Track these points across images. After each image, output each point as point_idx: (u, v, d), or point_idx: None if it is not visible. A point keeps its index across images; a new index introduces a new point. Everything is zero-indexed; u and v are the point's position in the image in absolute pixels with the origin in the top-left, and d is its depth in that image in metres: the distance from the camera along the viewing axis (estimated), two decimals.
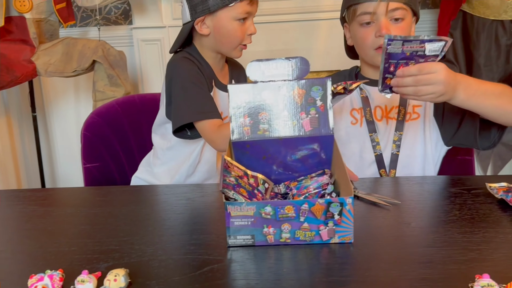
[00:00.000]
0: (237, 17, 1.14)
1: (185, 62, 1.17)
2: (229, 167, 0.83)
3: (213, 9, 1.13)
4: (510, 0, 1.71)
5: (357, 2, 1.09)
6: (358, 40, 1.13)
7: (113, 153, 1.50)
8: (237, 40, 1.17)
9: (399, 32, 1.07)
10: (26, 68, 1.90)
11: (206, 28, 1.17)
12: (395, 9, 1.07)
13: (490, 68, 1.81)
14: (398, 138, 1.14)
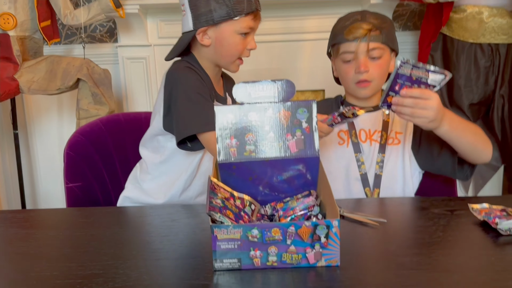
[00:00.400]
0: (239, 31, 1.14)
1: (188, 72, 1.15)
2: (215, 188, 0.83)
3: (217, 21, 1.12)
4: (488, 24, 1.76)
5: (340, 42, 1.19)
6: (341, 74, 1.24)
7: (97, 173, 1.48)
8: (237, 53, 1.16)
9: (377, 69, 1.18)
10: (8, 86, 1.87)
11: (207, 39, 1.15)
12: (373, 48, 1.16)
13: (470, 89, 1.85)
14: (381, 159, 1.20)
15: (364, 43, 1.15)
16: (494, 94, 1.85)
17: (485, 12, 1.75)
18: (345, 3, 2.24)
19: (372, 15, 1.20)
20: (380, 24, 1.18)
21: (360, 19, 1.18)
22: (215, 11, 1.11)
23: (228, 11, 1.10)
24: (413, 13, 2.37)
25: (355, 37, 1.15)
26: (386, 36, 1.18)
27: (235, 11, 1.10)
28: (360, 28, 1.15)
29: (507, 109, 1.85)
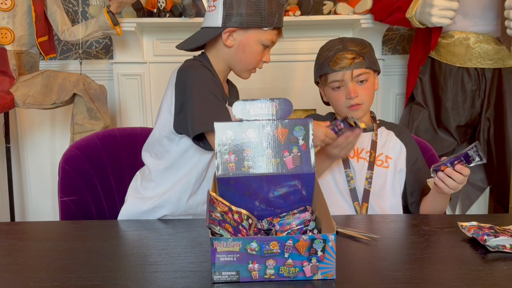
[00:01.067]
0: (263, 42, 1.16)
1: (203, 70, 1.14)
2: (214, 202, 0.85)
3: (247, 26, 1.13)
4: (475, 49, 1.83)
5: (327, 72, 1.25)
6: (333, 101, 1.30)
7: (91, 187, 1.48)
8: (255, 62, 1.18)
9: (365, 92, 1.25)
10: (3, 99, 1.88)
11: (232, 40, 1.15)
12: (359, 74, 1.24)
13: (457, 112, 1.90)
14: (370, 176, 1.25)
15: (350, 71, 1.23)
16: (480, 117, 1.90)
17: (472, 38, 1.82)
18: (337, 27, 2.31)
19: (351, 42, 1.26)
20: (361, 50, 1.25)
21: (342, 49, 1.24)
22: (248, 16, 1.12)
23: (260, 20, 1.12)
24: (402, 37, 2.45)
25: (341, 67, 1.22)
26: (369, 61, 1.25)
27: (266, 22, 1.13)
28: (344, 58, 1.22)
29: (493, 132, 1.90)
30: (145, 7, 2.14)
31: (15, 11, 1.90)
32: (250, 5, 1.11)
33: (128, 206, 1.24)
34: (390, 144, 1.30)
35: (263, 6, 1.12)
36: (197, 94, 1.09)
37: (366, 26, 2.18)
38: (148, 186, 1.22)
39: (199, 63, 1.16)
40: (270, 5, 1.12)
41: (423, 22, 1.78)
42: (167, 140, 1.17)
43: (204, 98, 1.09)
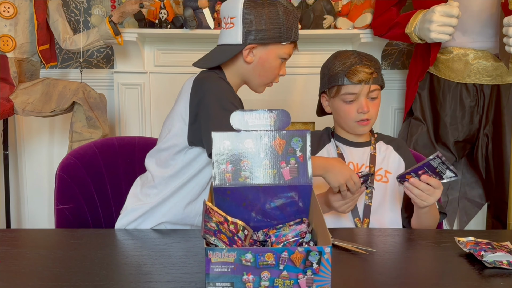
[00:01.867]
0: (282, 56, 1.17)
1: (222, 83, 1.14)
2: (210, 212, 0.84)
3: (267, 42, 1.14)
4: (473, 66, 1.84)
5: (342, 84, 1.24)
6: (341, 113, 1.28)
7: (88, 196, 1.47)
8: (273, 77, 1.20)
9: (375, 108, 1.27)
10: (3, 106, 1.88)
11: (252, 57, 1.16)
12: (373, 90, 1.24)
13: (455, 127, 1.91)
14: (370, 191, 1.23)
15: (367, 85, 1.22)
16: (479, 133, 1.90)
17: (471, 54, 1.83)
18: (337, 41, 2.33)
19: (365, 56, 1.27)
20: (375, 66, 1.26)
21: (358, 62, 1.24)
22: (268, 32, 1.13)
23: (279, 35, 1.14)
24: (401, 52, 2.47)
25: (360, 80, 1.22)
26: (381, 78, 1.27)
27: (285, 36, 1.14)
28: (363, 72, 1.22)
29: (491, 148, 1.90)
30: (147, 17, 2.16)
31: (17, 19, 1.91)
32: (269, 21, 1.13)
33: (128, 211, 1.22)
34: (389, 159, 1.30)
35: (281, 21, 1.13)
36: (216, 105, 1.09)
37: (366, 41, 2.20)
38: (150, 193, 1.21)
39: (216, 75, 1.16)
40: (288, 20, 1.14)
41: (422, 37, 1.80)
42: (177, 149, 1.17)
43: (224, 109, 1.08)
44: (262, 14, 1.12)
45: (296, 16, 1.17)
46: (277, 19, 1.13)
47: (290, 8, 1.16)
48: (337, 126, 1.34)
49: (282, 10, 1.13)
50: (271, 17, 1.13)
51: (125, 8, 1.95)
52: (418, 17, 1.80)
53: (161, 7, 2.14)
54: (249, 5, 1.13)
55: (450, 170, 1.09)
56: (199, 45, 2.28)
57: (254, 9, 1.12)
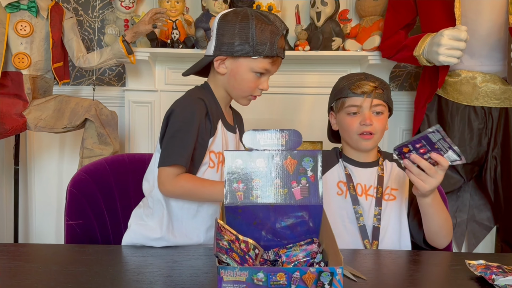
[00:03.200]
0: (255, 69, 1.18)
1: (188, 106, 1.17)
2: (222, 230, 0.85)
3: (236, 54, 1.17)
4: (481, 89, 1.85)
5: (347, 96, 1.27)
6: (344, 126, 1.29)
7: (98, 212, 1.48)
8: (248, 90, 1.21)
9: (379, 123, 1.26)
10: (16, 122, 1.91)
11: (224, 68, 1.19)
12: (377, 104, 1.26)
13: (463, 150, 1.91)
14: (378, 212, 1.25)
15: (369, 98, 1.24)
16: (487, 155, 1.90)
17: (479, 77, 1.84)
18: (345, 62, 2.36)
19: (373, 76, 1.30)
20: (382, 84, 1.28)
21: (364, 78, 1.28)
22: (237, 45, 1.15)
23: (248, 49, 1.15)
24: (409, 74, 2.49)
25: (363, 92, 1.24)
26: (387, 96, 1.28)
27: (256, 51, 1.15)
28: (367, 85, 1.25)
29: (500, 171, 1.90)
30: (159, 37, 2.20)
31: (33, 37, 1.95)
32: (240, 35, 1.15)
33: (131, 232, 1.24)
34: (393, 176, 1.30)
35: (252, 35, 1.14)
36: (169, 131, 1.16)
37: (374, 63, 2.22)
38: (148, 213, 1.24)
39: (197, 96, 1.20)
40: (260, 34, 1.15)
41: (430, 60, 1.81)
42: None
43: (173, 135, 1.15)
44: (233, 27, 1.15)
45: (274, 32, 1.16)
46: (247, 33, 1.14)
47: (267, 24, 1.16)
48: (345, 145, 1.35)
49: (255, 24, 1.14)
50: (241, 31, 1.15)
51: (139, 28, 1.99)
52: (426, 40, 1.82)
53: (173, 27, 2.18)
54: (224, 19, 1.17)
55: (453, 150, 1.02)
56: None
57: (228, 23, 1.16)
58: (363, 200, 1.26)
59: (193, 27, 2.22)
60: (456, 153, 1.02)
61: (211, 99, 1.22)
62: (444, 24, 1.79)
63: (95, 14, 2.38)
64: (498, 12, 1.77)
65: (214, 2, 2.17)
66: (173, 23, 2.19)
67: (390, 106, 1.30)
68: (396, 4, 2.06)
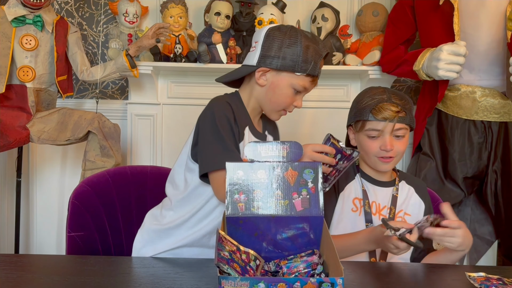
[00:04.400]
0: (295, 86, 1.19)
1: (222, 108, 1.16)
2: (223, 241, 0.86)
3: (280, 68, 1.17)
4: (481, 103, 1.87)
5: (367, 119, 1.24)
6: (364, 147, 1.27)
7: (99, 224, 1.49)
8: (283, 105, 1.22)
9: (400, 146, 1.24)
10: (19, 134, 1.93)
11: (264, 80, 1.20)
12: (399, 129, 1.23)
13: (464, 163, 1.91)
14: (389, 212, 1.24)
15: (392, 123, 1.21)
16: (487, 169, 1.91)
17: (478, 92, 1.86)
18: (345, 76, 2.38)
19: (395, 94, 1.25)
20: (404, 105, 1.23)
21: (387, 99, 1.23)
22: (282, 59, 1.16)
23: (293, 65, 1.16)
24: (409, 88, 2.51)
25: (384, 118, 1.21)
26: (410, 117, 1.24)
27: (300, 67, 1.16)
28: (389, 110, 1.21)
29: (500, 185, 1.90)
30: (162, 52, 2.23)
31: (38, 51, 1.98)
32: (286, 50, 1.16)
33: (144, 229, 1.28)
34: (410, 201, 1.28)
35: (298, 52, 1.16)
36: (209, 134, 1.13)
37: (374, 77, 2.24)
38: (166, 215, 1.26)
39: (224, 99, 1.20)
40: (306, 53, 1.16)
41: (430, 75, 1.84)
42: (187, 171, 1.21)
43: (215, 139, 1.12)
44: (281, 42, 1.16)
45: (318, 52, 1.18)
46: (295, 49, 1.16)
47: (314, 44, 1.18)
48: (362, 161, 1.33)
49: (303, 42, 1.16)
50: (289, 47, 1.16)
51: (142, 42, 2.02)
52: (426, 55, 1.85)
53: (176, 42, 2.21)
54: (272, 32, 1.18)
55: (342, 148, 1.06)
56: (211, 78, 2.34)
57: (275, 37, 1.17)
58: (376, 219, 1.25)
59: (196, 41, 2.25)
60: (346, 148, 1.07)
61: (239, 105, 1.22)
62: (443, 39, 1.82)
63: (99, 28, 2.42)
64: (497, 28, 1.80)
65: (217, 17, 2.21)
66: (176, 37, 2.22)
67: (413, 126, 1.27)
68: (396, 20, 2.09)
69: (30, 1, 1.88)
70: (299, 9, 2.38)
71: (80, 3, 2.44)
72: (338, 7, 2.30)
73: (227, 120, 1.14)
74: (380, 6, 2.27)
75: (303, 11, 2.39)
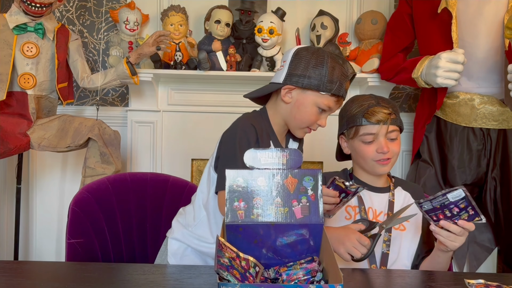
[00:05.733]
0: (319, 105, 1.23)
1: (245, 130, 1.19)
2: (223, 248, 0.86)
3: (305, 87, 1.21)
4: (479, 110, 1.88)
5: (360, 124, 1.26)
6: (360, 153, 1.29)
7: (99, 231, 1.49)
8: (308, 122, 1.25)
9: (395, 148, 1.28)
10: (20, 141, 1.94)
11: (289, 98, 1.24)
12: (392, 131, 1.27)
13: (463, 170, 1.92)
14: (388, 238, 1.24)
15: (385, 126, 1.24)
16: (487, 176, 1.91)
17: (477, 99, 1.87)
18: None
19: (382, 99, 1.29)
20: (393, 107, 1.28)
21: (376, 103, 1.26)
22: (308, 78, 1.20)
23: (319, 84, 1.20)
24: (408, 96, 2.52)
25: (378, 120, 1.24)
26: (400, 120, 1.29)
27: (325, 87, 1.20)
28: (381, 112, 1.24)
29: (499, 192, 1.90)
30: (162, 59, 2.25)
31: (39, 58, 2.00)
32: (313, 70, 1.20)
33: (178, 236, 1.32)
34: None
35: (324, 72, 1.19)
36: (228, 154, 1.18)
37: (373, 84, 2.26)
38: (192, 224, 1.31)
39: (251, 119, 1.23)
40: (332, 73, 1.20)
41: (428, 82, 1.85)
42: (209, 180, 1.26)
43: (231, 160, 1.16)
44: (308, 61, 1.20)
45: (344, 73, 1.22)
46: (321, 69, 1.19)
47: (340, 65, 1.21)
48: (356, 168, 1.34)
49: (329, 63, 1.20)
50: (316, 66, 1.20)
51: (143, 50, 2.04)
52: (424, 62, 1.86)
53: (177, 49, 2.23)
54: (300, 52, 1.23)
55: (449, 192, 1.06)
56: (211, 85, 2.36)
57: (303, 57, 1.21)
58: None
59: (196, 49, 2.26)
60: (451, 191, 1.07)
61: (265, 125, 1.26)
62: (441, 47, 1.83)
63: (100, 36, 2.44)
64: (495, 36, 1.81)
65: (217, 25, 2.22)
66: (176, 45, 2.24)
67: (402, 128, 1.31)
68: (395, 28, 2.11)
69: (32, 9, 1.90)
70: (298, 17, 2.40)
71: (81, 11, 2.46)
72: (337, 15, 2.32)
73: (247, 143, 1.17)
74: (379, 15, 2.29)
75: (303, 19, 2.40)
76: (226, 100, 2.35)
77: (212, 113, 2.37)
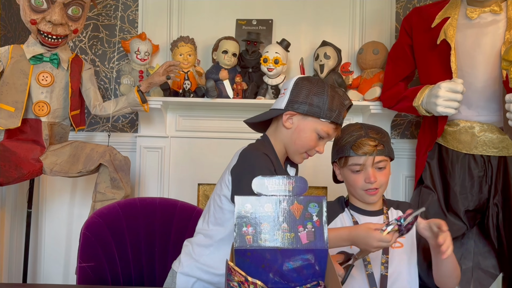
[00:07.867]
0: (318, 131, 1.28)
1: (261, 159, 1.22)
2: (232, 271, 0.90)
3: (306, 113, 1.27)
4: (480, 138, 1.92)
5: (349, 155, 1.33)
6: (350, 182, 1.36)
7: (109, 255, 1.53)
8: (307, 147, 1.29)
9: (383, 177, 1.33)
10: (33, 167, 1.99)
11: (290, 123, 1.29)
12: (379, 161, 1.32)
13: (465, 196, 1.93)
14: (385, 260, 1.27)
15: (372, 157, 1.30)
16: (488, 202, 1.92)
17: (477, 127, 1.91)
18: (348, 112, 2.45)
19: (371, 129, 1.35)
20: (382, 138, 1.34)
21: (364, 135, 1.33)
22: (309, 105, 1.26)
23: (319, 111, 1.26)
24: (410, 123, 2.57)
25: (364, 152, 1.30)
26: (388, 149, 1.34)
27: (325, 114, 1.26)
28: (367, 145, 1.31)
29: (501, 218, 1.91)
30: (171, 87, 2.32)
31: (54, 87, 2.07)
32: (313, 97, 1.26)
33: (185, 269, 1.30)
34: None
35: (324, 100, 1.25)
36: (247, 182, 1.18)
37: (375, 112, 2.31)
38: (203, 253, 1.29)
39: (261, 149, 1.26)
40: (332, 102, 1.26)
41: (429, 110, 1.89)
42: (227, 211, 1.27)
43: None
44: (309, 90, 1.26)
45: (343, 103, 1.28)
46: (321, 98, 1.25)
47: (338, 94, 1.28)
48: (351, 195, 1.40)
49: (329, 92, 1.26)
50: (316, 95, 1.26)
51: (153, 79, 2.11)
52: (425, 91, 1.91)
53: (185, 78, 2.31)
54: (301, 81, 1.29)
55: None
56: (218, 112, 2.43)
57: (304, 85, 1.28)
58: None
59: (204, 78, 2.34)
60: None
61: (272, 153, 1.29)
62: (441, 77, 1.88)
63: (112, 65, 2.53)
64: (492, 66, 1.86)
65: (224, 55, 2.31)
66: (185, 74, 2.31)
67: (392, 157, 1.36)
68: (396, 58, 2.17)
69: (49, 40, 1.98)
70: (302, 47, 2.48)
71: (94, 41, 2.56)
72: (340, 46, 2.39)
73: (270, 174, 1.20)
74: (380, 45, 2.37)
75: (306, 49, 2.48)
76: (232, 126, 2.41)
77: (219, 139, 2.42)
